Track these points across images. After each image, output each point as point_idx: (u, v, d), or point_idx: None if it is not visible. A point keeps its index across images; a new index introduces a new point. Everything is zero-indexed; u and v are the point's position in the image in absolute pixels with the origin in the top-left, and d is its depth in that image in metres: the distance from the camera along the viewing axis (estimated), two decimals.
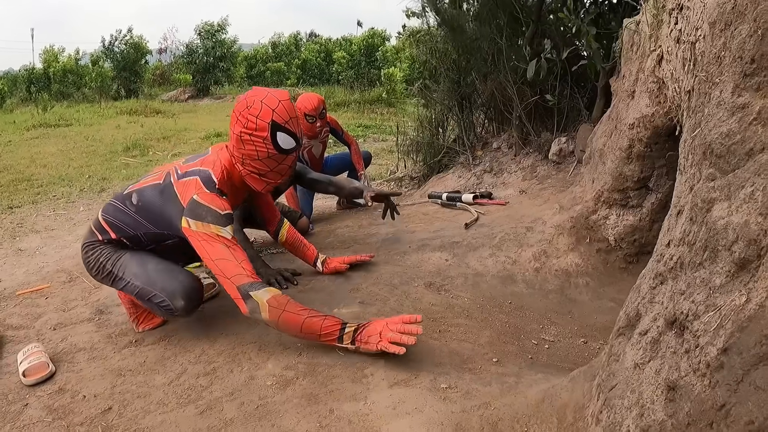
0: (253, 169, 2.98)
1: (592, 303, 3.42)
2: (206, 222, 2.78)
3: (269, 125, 2.83)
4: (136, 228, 3.08)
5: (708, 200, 1.52)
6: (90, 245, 3.16)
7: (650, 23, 3.05)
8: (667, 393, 1.44)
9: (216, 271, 2.72)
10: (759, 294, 1.25)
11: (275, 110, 2.85)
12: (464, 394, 2.28)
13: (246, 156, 2.93)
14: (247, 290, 2.68)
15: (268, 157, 2.91)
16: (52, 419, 2.48)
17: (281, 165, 2.98)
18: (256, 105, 2.85)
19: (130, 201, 3.07)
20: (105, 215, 3.15)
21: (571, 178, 4.97)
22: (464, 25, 6.63)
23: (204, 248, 2.75)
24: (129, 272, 3.05)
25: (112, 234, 3.12)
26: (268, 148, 2.88)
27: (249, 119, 2.84)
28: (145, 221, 3.05)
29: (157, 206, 2.98)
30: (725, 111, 1.56)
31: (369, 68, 30.35)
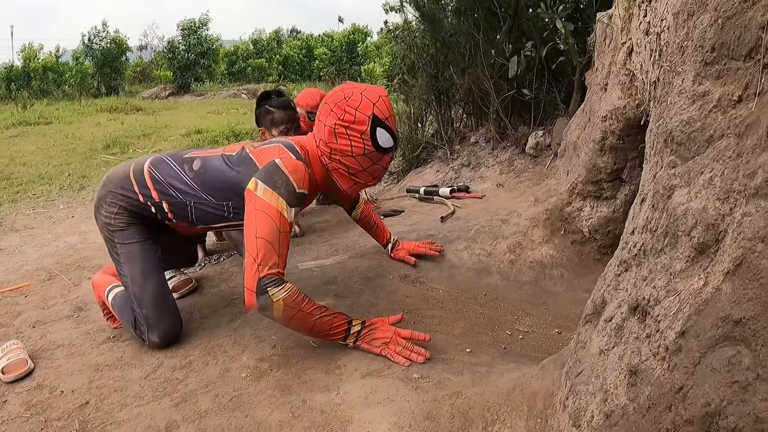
0: (342, 166, 2.69)
1: (567, 294, 3.45)
2: (277, 193, 2.53)
3: (369, 119, 2.57)
4: (188, 196, 2.80)
5: (669, 187, 1.54)
6: (117, 202, 2.90)
7: (622, 16, 3.08)
8: (629, 378, 1.46)
9: (251, 247, 2.48)
10: (716, 278, 1.27)
11: (376, 104, 2.59)
12: (436, 383, 2.30)
13: (337, 151, 2.64)
14: (266, 286, 2.45)
15: (363, 154, 2.63)
16: (30, 415, 2.48)
17: (375, 165, 2.70)
18: (356, 97, 2.60)
19: (190, 166, 2.84)
20: (154, 171, 2.88)
21: (547, 171, 4.99)
22: (442, 19, 6.65)
23: (256, 220, 2.50)
24: (132, 270, 2.90)
25: (154, 194, 2.84)
26: (365, 144, 2.60)
27: (347, 111, 2.57)
28: (201, 189, 2.78)
29: (224, 172, 2.76)
30: (686, 99, 1.58)
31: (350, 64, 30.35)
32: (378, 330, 2.63)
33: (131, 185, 2.89)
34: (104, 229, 2.96)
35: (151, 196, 2.85)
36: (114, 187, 2.92)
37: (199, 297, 3.47)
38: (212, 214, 2.82)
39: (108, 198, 2.92)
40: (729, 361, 1.17)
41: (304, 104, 5.18)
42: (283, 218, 2.51)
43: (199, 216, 2.84)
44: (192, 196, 2.80)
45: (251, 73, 32.88)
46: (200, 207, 2.81)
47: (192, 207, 2.82)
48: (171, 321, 2.91)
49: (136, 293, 2.88)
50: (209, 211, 2.81)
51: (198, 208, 2.82)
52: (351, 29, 32.91)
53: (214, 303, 3.32)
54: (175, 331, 2.92)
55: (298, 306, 2.49)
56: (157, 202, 2.85)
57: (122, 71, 28.05)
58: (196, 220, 2.87)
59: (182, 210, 2.85)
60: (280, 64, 33.38)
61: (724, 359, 1.18)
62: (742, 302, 1.16)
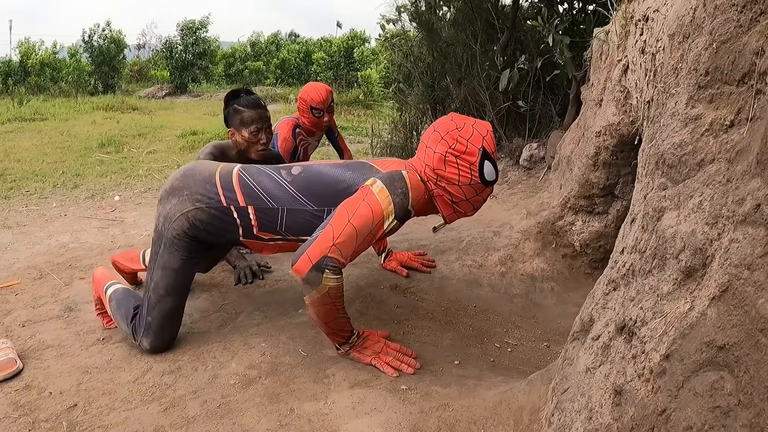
0: (446, 194, 2.70)
1: (557, 307, 3.45)
2: (392, 198, 2.57)
3: (480, 151, 2.61)
4: (282, 201, 2.73)
5: (659, 209, 1.55)
6: (193, 200, 2.82)
7: (618, 33, 3.09)
8: (614, 397, 1.47)
9: (338, 224, 2.50)
10: (702, 302, 1.28)
11: (485, 138, 2.64)
12: (423, 395, 2.31)
13: (444, 178, 2.66)
14: (326, 266, 2.44)
15: (468, 185, 2.64)
16: (18, 415, 2.48)
17: (477, 196, 2.71)
18: (467, 128, 2.65)
19: (288, 171, 2.81)
20: (243, 174, 2.84)
21: (540, 183, 5.01)
22: (440, 29, 6.67)
23: (358, 207, 2.53)
24: (160, 279, 2.86)
25: (240, 198, 2.77)
26: (473, 174, 2.62)
27: (459, 141, 2.61)
28: (302, 195, 2.72)
29: (331, 175, 2.74)
30: (679, 122, 1.59)
31: (348, 70, 30.35)
32: (369, 340, 2.67)
33: (215, 186, 2.82)
34: (164, 221, 2.86)
35: (236, 200, 2.78)
36: (195, 183, 2.84)
37: (190, 301, 3.46)
38: (307, 223, 2.72)
39: (185, 192, 2.83)
40: (712, 386, 1.18)
41: (309, 99, 4.85)
42: (382, 223, 2.55)
43: (291, 224, 2.75)
44: (286, 202, 2.73)
45: (248, 75, 32.84)
46: (294, 214, 2.74)
47: (284, 213, 2.74)
48: (168, 339, 2.91)
49: (152, 300, 2.85)
50: (304, 220, 2.73)
51: (291, 215, 2.74)
52: (349, 35, 32.90)
53: (204, 308, 3.32)
54: (166, 346, 2.91)
55: (335, 299, 2.51)
56: (243, 207, 2.77)
57: (120, 70, 28.01)
58: (286, 230, 2.77)
59: (271, 217, 2.76)
60: (278, 67, 33.34)
61: (707, 384, 1.19)
62: (727, 328, 1.17)
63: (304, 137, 4.94)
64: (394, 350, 2.64)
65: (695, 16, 1.66)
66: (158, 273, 2.85)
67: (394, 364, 2.55)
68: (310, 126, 4.91)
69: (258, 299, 3.39)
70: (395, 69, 7.84)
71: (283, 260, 4.08)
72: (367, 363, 2.58)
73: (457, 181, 2.63)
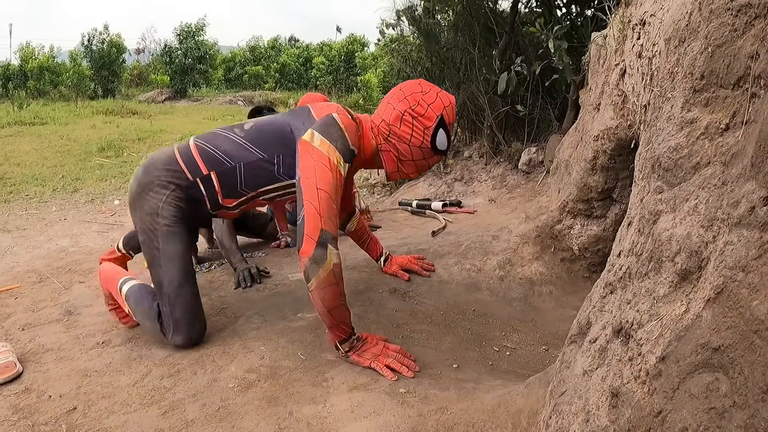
0: (394, 150, 2.86)
1: (555, 311, 3.46)
2: (334, 146, 2.65)
3: (438, 118, 2.77)
4: (238, 158, 2.83)
5: (655, 212, 1.56)
6: (167, 183, 2.85)
7: (616, 37, 3.10)
8: (611, 399, 1.48)
9: (311, 196, 2.55)
10: (697, 304, 1.28)
11: (446, 108, 2.81)
12: (422, 398, 2.31)
13: (396, 135, 2.82)
14: (327, 240, 2.52)
15: (418, 147, 2.81)
16: (17, 418, 2.49)
17: (425, 160, 2.89)
18: (432, 94, 2.80)
19: (240, 128, 2.92)
20: (201, 142, 2.91)
21: (539, 187, 5.02)
22: (438, 34, 6.68)
23: (315, 171, 2.58)
24: (172, 272, 2.88)
25: (203, 167, 2.85)
26: (425, 138, 2.79)
27: (420, 103, 2.76)
28: (254, 146, 2.83)
29: (276, 123, 2.86)
30: (674, 125, 1.60)
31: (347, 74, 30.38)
32: (368, 343, 2.68)
33: (178, 164, 2.87)
34: (149, 219, 2.86)
35: (199, 171, 2.85)
36: (160, 170, 2.88)
37: None
38: (262, 174, 2.84)
39: (155, 182, 2.86)
40: (707, 387, 1.19)
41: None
42: (339, 173, 2.62)
43: (249, 179, 2.85)
44: (241, 157, 2.83)
45: (248, 80, 32.89)
46: (250, 168, 2.83)
47: (242, 169, 2.83)
48: (199, 327, 2.95)
49: (171, 295, 2.87)
50: (260, 171, 2.83)
51: (248, 169, 2.83)
52: (349, 39, 32.94)
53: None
54: (200, 336, 2.95)
55: (339, 279, 2.58)
56: (206, 176, 2.85)
57: (119, 74, 28.05)
58: (246, 186, 2.87)
59: (231, 178, 2.85)
60: (277, 72, 33.37)
61: (703, 385, 1.20)
62: (722, 330, 1.18)
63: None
64: (393, 352, 2.65)
65: (691, 20, 1.67)
66: (167, 268, 2.87)
67: (393, 366, 2.56)
68: None
69: (257, 303, 3.39)
70: (395, 74, 7.85)
71: (282, 265, 4.10)
72: (366, 366, 2.59)
73: (408, 140, 2.80)
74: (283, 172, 2.84)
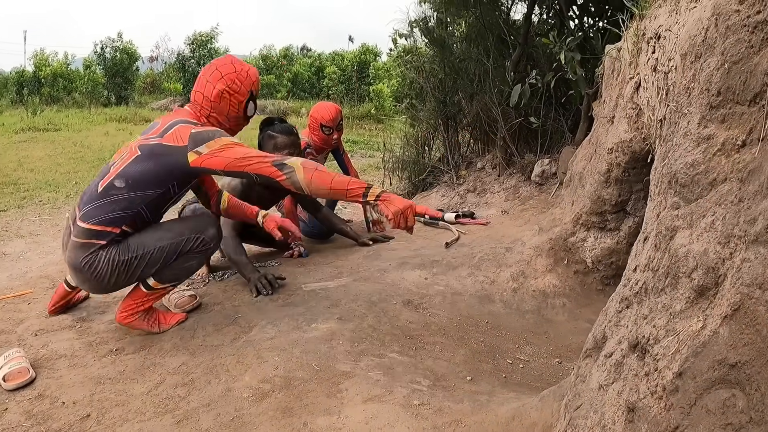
0: (216, 123, 3.27)
1: (568, 324, 3.46)
2: (215, 138, 3.03)
3: (249, 93, 3.30)
4: (133, 206, 3.08)
5: (671, 228, 1.57)
6: (93, 254, 3.06)
7: (630, 50, 3.11)
8: (627, 414, 1.48)
9: (246, 166, 2.96)
10: (714, 321, 1.29)
11: (254, 83, 3.32)
12: (436, 411, 2.31)
13: (216, 110, 3.25)
14: (281, 161, 2.94)
15: (235, 117, 3.32)
16: (30, 424, 2.50)
17: (237, 127, 3.40)
18: (243, 73, 3.28)
19: (114, 188, 3.08)
20: (91, 220, 3.06)
21: (552, 199, 5.02)
22: (452, 45, 6.69)
23: (225, 157, 2.98)
24: (150, 243, 3.12)
25: (113, 229, 3.07)
26: (239, 110, 3.30)
27: (236, 82, 3.24)
28: (142, 190, 3.07)
29: (152, 167, 3.07)
30: (691, 141, 1.60)
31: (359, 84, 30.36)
32: (397, 199, 2.97)
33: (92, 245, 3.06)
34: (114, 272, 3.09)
35: (111, 234, 3.08)
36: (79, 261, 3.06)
37: (203, 314, 3.49)
38: (162, 200, 3.18)
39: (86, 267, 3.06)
40: (724, 403, 1.19)
41: (319, 117, 5.20)
42: (235, 142, 3.06)
43: (153, 206, 3.16)
44: (138, 200, 3.09)
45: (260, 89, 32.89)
46: (150, 202, 3.12)
47: (144, 208, 3.12)
48: (209, 215, 3.46)
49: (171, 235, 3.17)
50: (158, 196, 3.13)
51: (149, 205, 3.13)
52: (361, 49, 32.93)
53: (217, 321, 3.34)
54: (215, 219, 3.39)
55: (314, 167, 2.95)
56: (118, 233, 3.10)
57: (133, 81, 28.13)
58: (152, 216, 3.20)
59: (140, 218, 3.14)
60: (290, 81, 33.37)
61: (719, 401, 1.20)
62: (738, 347, 1.18)
63: (314, 156, 5.22)
64: (419, 213, 3.03)
65: (707, 36, 1.68)
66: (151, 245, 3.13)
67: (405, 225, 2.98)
68: (320, 143, 5.25)
69: (271, 313, 3.40)
70: (407, 85, 7.86)
71: (296, 275, 4.11)
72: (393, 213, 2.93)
73: (226, 113, 3.27)
74: (178, 188, 3.20)
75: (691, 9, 2.16)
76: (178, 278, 3.26)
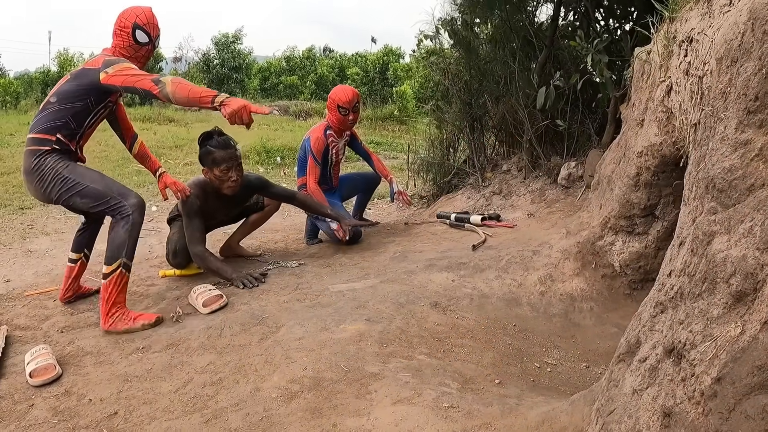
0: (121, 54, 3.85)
1: (596, 328, 3.44)
2: (119, 63, 3.65)
3: (132, 24, 3.87)
4: (63, 115, 3.67)
5: (709, 233, 1.56)
6: (41, 156, 3.64)
7: (661, 53, 3.09)
8: (663, 419, 1.47)
9: (135, 82, 3.58)
10: (753, 326, 1.28)
11: (138, 15, 3.91)
12: (466, 413, 2.31)
13: (118, 46, 3.88)
14: (158, 79, 3.57)
15: (129, 46, 3.89)
16: (57, 421, 2.53)
17: (137, 53, 3.93)
18: (127, 12, 3.92)
19: (49, 103, 3.71)
20: (33, 130, 3.69)
21: (579, 202, 5.00)
22: (478, 47, 6.68)
23: (123, 74, 3.59)
24: (88, 178, 3.65)
25: (50, 136, 3.65)
26: (128, 38, 3.88)
27: (120, 19, 3.90)
28: (68, 104, 3.68)
29: (76, 85, 3.71)
30: (728, 146, 1.60)
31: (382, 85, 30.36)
32: (234, 101, 3.58)
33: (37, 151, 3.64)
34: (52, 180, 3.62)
35: (48, 140, 3.65)
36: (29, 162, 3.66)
37: (230, 313, 3.50)
38: (83, 112, 3.74)
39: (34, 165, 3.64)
40: (763, 409, 1.19)
41: (336, 98, 5.33)
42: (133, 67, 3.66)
43: (79, 118, 3.74)
44: (66, 111, 3.68)
45: (283, 90, 32.98)
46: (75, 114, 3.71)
47: (71, 119, 3.70)
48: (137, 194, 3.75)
49: (103, 185, 3.68)
50: (80, 112, 3.73)
51: (74, 117, 3.71)
52: (384, 50, 32.94)
53: (244, 321, 3.35)
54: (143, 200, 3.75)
55: (179, 81, 3.61)
56: (54, 140, 3.66)
57: None
58: (77, 126, 3.75)
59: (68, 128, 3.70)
60: (313, 82, 33.44)
61: (759, 407, 1.20)
62: None
63: (334, 138, 5.45)
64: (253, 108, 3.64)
65: (743, 40, 1.67)
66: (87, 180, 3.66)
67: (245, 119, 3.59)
68: (337, 123, 5.40)
69: (298, 313, 3.41)
70: (433, 86, 7.85)
71: (323, 275, 4.12)
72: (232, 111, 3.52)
73: (123, 45, 3.88)
74: (95, 103, 3.77)
75: (725, 12, 2.15)
76: (114, 255, 3.54)
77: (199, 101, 3.58)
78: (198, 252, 4.23)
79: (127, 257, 3.55)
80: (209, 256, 4.26)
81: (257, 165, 11.34)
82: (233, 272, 4.16)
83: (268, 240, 5.66)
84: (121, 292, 3.50)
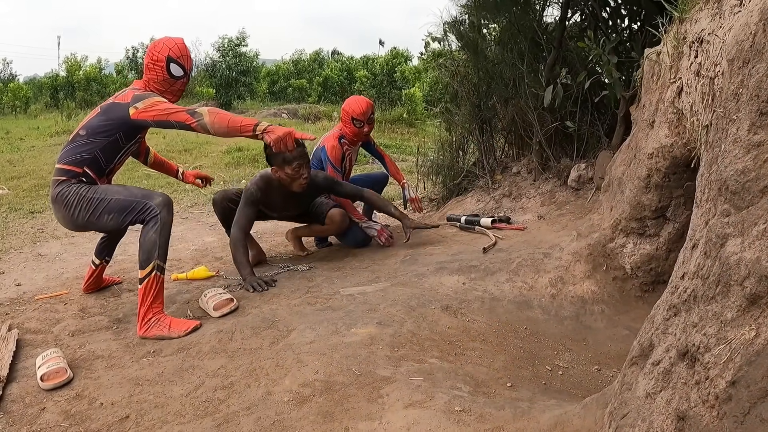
0: (154, 89, 3.87)
1: (607, 330, 3.43)
2: (150, 98, 3.66)
3: (166, 57, 3.83)
4: (91, 149, 3.70)
5: (722, 235, 1.55)
6: (65, 184, 3.67)
7: (671, 54, 3.08)
8: (677, 423, 1.47)
9: (168, 116, 3.60)
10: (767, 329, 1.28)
11: (171, 48, 3.87)
12: (478, 417, 2.30)
13: (151, 80, 3.86)
14: (193, 110, 3.60)
15: (163, 80, 3.86)
16: (68, 424, 2.53)
17: (172, 87, 3.92)
18: (159, 45, 3.88)
19: (78, 135, 3.75)
20: (62, 161, 3.73)
21: (589, 204, 4.99)
22: (485, 49, 6.67)
23: (154, 110, 3.61)
24: (111, 193, 3.65)
25: (77, 169, 3.68)
26: (162, 73, 3.85)
27: (152, 53, 3.87)
28: (96, 137, 3.70)
29: (104, 119, 3.72)
30: (741, 148, 1.59)
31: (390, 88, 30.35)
32: (278, 128, 3.71)
33: (63, 180, 3.68)
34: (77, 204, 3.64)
35: (73, 171, 3.68)
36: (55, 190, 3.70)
37: (241, 317, 3.51)
38: (112, 148, 3.76)
39: (60, 193, 3.67)
40: None
41: (350, 110, 5.28)
42: (164, 101, 3.69)
43: (108, 152, 3.76)
44: (94, 145, 3.70)
45: (292, 93, 33.02)
46: (104, 148, 3.73)
47: (99, 152, 3.72)
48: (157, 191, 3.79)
49: (126, 194, 3.68)
50: (109, 143, 3.73)
51: (103, 150, 3.73)
52: (392, 53, 32.95)
53: (255, 324, 3.35)
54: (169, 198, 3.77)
55: (217, 111, 3.64)
56: (80, 172, 3.69)
57: None
58: (106, 161, 3.79)
59: (95, 162, 3.73)
60: (320, 85, 33.47)
61: None
62: None
63: (348, 146, 5.39)
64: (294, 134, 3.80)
65: (755, 41, 1.66)
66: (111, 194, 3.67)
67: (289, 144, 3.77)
68: (352, 136, 5.35)
69: (309, 317, 3.41)
70: (442, 89, 7.84)
71: (334, 279, 4.12)
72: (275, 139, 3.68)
73: (157, 79, 3.86)
74: (125, 140, 3.80)
75: (736, 13, 2.15)
76: (148, 258, 3.54)
77: (240, 131, 3.62)
78: (236, 236, 4.35)
79: (159, 259, 3.54)
80: (242, 247, 4.34)
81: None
82: (249, 274, 4.17)
83: (278, 243, 5.67)
84: (156, 297, 3.49)
